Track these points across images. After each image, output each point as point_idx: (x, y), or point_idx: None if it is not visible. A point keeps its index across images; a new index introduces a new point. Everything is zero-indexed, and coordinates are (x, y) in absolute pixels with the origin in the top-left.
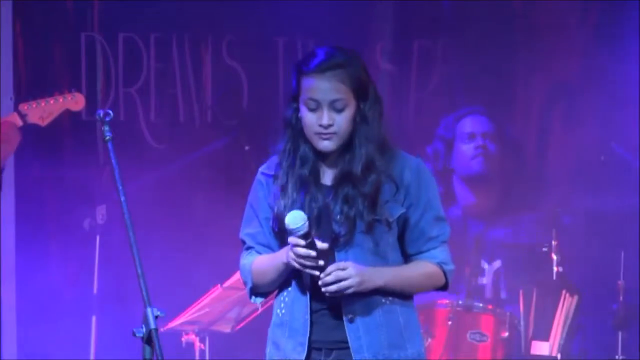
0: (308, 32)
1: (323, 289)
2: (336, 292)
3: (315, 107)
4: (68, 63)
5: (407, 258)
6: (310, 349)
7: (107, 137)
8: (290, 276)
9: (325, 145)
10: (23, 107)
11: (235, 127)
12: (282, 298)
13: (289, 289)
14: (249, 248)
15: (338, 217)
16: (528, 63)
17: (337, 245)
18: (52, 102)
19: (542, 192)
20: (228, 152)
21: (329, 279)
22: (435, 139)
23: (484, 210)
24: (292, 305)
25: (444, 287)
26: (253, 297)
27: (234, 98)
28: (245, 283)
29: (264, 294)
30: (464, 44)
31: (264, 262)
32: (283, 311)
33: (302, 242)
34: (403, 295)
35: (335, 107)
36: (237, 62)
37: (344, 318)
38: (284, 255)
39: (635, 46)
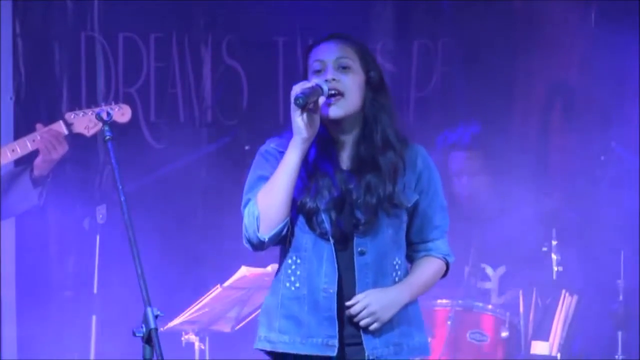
0: (308, 32)
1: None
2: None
3: (321, 68)
4: (68, 63)
5: (409, 246)
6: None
7: (107, 137)
8: (294, 246)
9: (333, 111)
10: (69, 116)
11: (235, 127)
12: (289, 271)
13: (298, 261)
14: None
15: (359, 201)
16: (528, 63)
17: (358, 231)
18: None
19: (542, 191)
20: (228, 152)
21: (358, 317)
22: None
23: (484, 211)
24: (308, 278)
25: (441, 278)
26: (259, 234)
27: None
28: (247, 228)
29: (271, 228)
30: (464, 44)
31: (270, 179)
32: (297, 284)
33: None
34: None
35: (341, 64)
36: (237, 62)
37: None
38: (290, 147)
39: (635, 46)
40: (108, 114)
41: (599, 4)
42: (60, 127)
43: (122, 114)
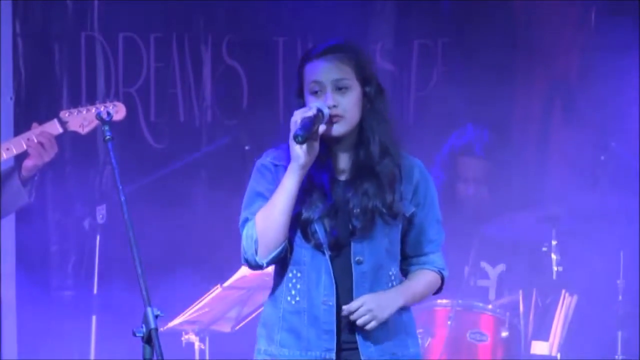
0: (308, 32)
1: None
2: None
3: (319, 90)
4: (68, 63)
5: (404, 260)
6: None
7: (107, 137)
8: (295, 260)
9: (334, 129)
10: (64, 114)
11: (235, 127)
12: (289, 285)
13: (298, 274)
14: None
15: (356, 210)
16: (528, 63)
17: (355, 237)
18: (92, 110)
19: (542, 192)
20: (228, 152)
21: (355, 314)
22: (441, 158)
23: (485, 212)
24: (308, 292)
25: (436, 293)
26: (257, 257)
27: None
28: (246, 250)
29: (269, 251)
30: (464, 44)
31: (268, 203)
32: (297, 298)
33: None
34: None
35: (339, 86)
36: (237, 62)
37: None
38: (288, 172)
39: (635, 46)
40: (108, 113)
41: (599, 4)
42: (54, 125)
43: (116, 111)
